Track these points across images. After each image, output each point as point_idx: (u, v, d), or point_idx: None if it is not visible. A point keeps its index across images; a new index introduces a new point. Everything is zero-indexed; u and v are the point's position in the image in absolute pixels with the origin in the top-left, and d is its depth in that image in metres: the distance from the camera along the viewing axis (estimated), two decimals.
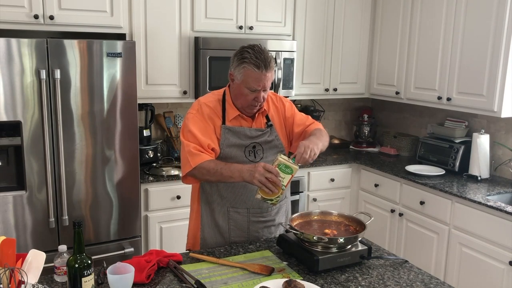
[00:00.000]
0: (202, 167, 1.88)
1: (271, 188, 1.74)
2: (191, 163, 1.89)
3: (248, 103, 1.95)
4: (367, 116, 4.24)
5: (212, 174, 1.87)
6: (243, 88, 1.92)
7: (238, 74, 1.92)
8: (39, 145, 2.59)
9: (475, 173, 3.24)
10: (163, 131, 3.69)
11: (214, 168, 1.86)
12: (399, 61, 3.72)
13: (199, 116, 1.98)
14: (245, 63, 1.88)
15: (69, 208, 2.72)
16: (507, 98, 2.97)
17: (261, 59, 1.86)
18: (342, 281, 1.66)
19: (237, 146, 1.99)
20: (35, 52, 2.51)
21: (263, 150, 2.03)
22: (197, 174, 1.92)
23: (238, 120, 2.01)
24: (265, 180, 1.73)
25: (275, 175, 1.74)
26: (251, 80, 1.88)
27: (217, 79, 3.27)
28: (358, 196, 3.84)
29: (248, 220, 2.04)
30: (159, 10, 3.13)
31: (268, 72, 1.88)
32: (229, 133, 1.99)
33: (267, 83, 1.91)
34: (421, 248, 3.24)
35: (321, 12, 3.74)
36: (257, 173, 1.74)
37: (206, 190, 2.07)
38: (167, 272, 1.70)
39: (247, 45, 1.93)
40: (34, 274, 1.41)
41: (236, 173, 1.82)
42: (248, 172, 1.78)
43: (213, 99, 2.04)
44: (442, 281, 1.70)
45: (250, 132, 2.01)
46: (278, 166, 1.77)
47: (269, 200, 1.80)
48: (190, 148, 1.91)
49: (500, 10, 2.91)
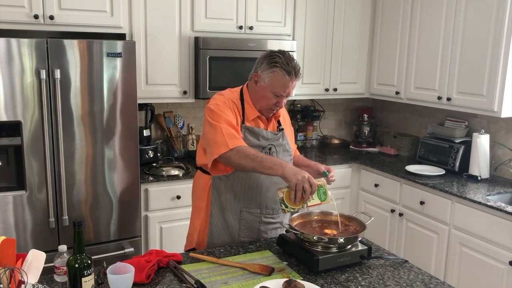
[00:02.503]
0: (242, 150, 1.81)
1: (298, 198, 1.71)
2: (229, 144, 1.82)
3: (269, 107, 1.97)
4: (367, 116, 4.24)
5: (251, 159, 1.79)
6: (268, 92, 1.92)
7: (266, 77, 1.92)
8: (39, 145, 2.59)
9: (475, 173, 3.24)
10: (163, 131, 3.69)
11: (254, 154, 1.80)
12: (399, 61, 3.72)
13: (226, 108, 1.94)
14: (276, 67, 1.89)
15: (69, 208, 2.72)
16: (507, 98, 2.97)
17: (292, 66, 1.89)
18: (342, 281, 1.66)
19: (256, 146, 1.97)
20: (35, 52, 2.51)
21: (277, 152, 2.04)
22: (232, 157, 1.83)
23: (256, 121, 2.03)
24: (301, 187, 1.69)
25: (312, 190, 1.71)
26: (278, 85, 1.90)
27: (217, 79, 3.27)
28: (358, 196, 3.84)
29: (259, 221, 2.04)
30: (159, 10, 3.14)
31: (295, 80, 1.92)
32: (248, 133, 1.99)
33: (292, 91, 1.95)
34: (421, 248, 3.24)
35: (321, 12, 3.74)
36: (301, 176, 1.70)
37: (219, 189, 2.02)
38: (167, 272, 1.70)
39: (277, 50, 1.95)
40: (34, 274, 1.41)
41: (278, 166, 1.75)
42: (292, 170, 1.74)
43: (235, 96, 2.03)
44: (442, 281, 1.70)
45: (267, 134, 2.03)
46: (319, 187, 1.74)
47: (285, 205, 1.76)
48: (229, 130, 1.86)
49: (500, 10, 2.91)
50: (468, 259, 2.89)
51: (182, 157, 3.62)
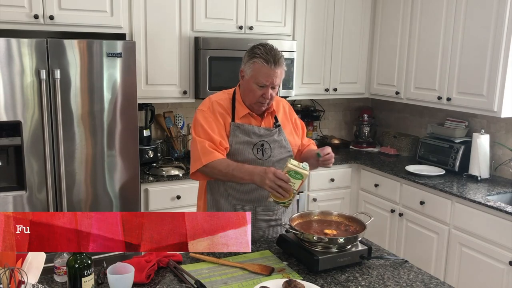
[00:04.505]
0: (214, 166, 1.91)
1: (282, 194, 1.76)
2: (202, 160, 1.92)
3: (256, 99, 1.97)
4: (367, 116, 4.24)
5: (224, 174, 1.90)
6: (252, 84, 1.94)
7: (248, 69, 1.95)
8: (39, 145, 2.59)
9: (475, 173, 3.24)
10: (163, 131, 3.68)
11: (225, 168, 1.89)
12: (399, 61, 3.72)
13: (210, 113, 2.01)
14: (255, 58, 1.92)
15: (69, 208, 2.72)
16: (507, 98, 2.97)
17: (271, 55, 1.91)
18: (342, 281, 1.66)
19: (246, 143, 2.01)
20: (35, 52, 2.51)
21: (271, 148, 2.04)
22: (207, 172, 1.95)
23: (247, 118, 2.04)
24: (276, 186, 1.75)
25: (285, 181, 1.75)
26: (260, 75, 1.92)
27: (217, 79, 3.26)
28: (358, 196, 3.84)
29: (254, 218, 2.04)
30: (159, 10, 3.13)
31: (277, 68, 1.92)
32: (238, 130, 2.01)
33: (276, 80, 1.93)
34: (421, 248, 3.24)
35: (321, 12, 3.74)
36: (268, 179, 1.76)
37: (212, 187, 2.08)
38: (167, 272, 1.70)
39: (259, 43, 1.97)
40: (34, 274, 1.41)
41: (247, 175, 1.84)
42: (259, 176, 1.80)
43: (224, 97, 2.07)
44: (442, 281, 1.70)
45: (258, 130, 2.03)
46: (288, 173, 1.78)
47: (282, 203, 1.82)
48: (204, 144, 1.94)
49: (500, 10, 2.91)
50: (468, 259, 2.89)
51: (182, 157, 3.62)
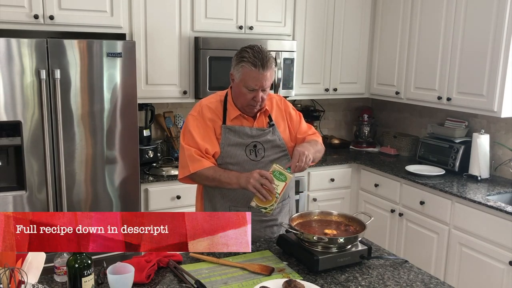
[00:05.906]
0: (202, 174, 1.95)
1: (265, 195, 1.78)
2: (190, 168, 1.94)
3: (247, 102, 1.96)
4: (367, 116, 4.24)
5: (211, 180, 1.94)
6: (242, 87, 1.93)
7: (237, 73, 1.94)
8: (39, 145, 2.59)
9: (475, 173, 3.24)
10: (163, 131, 3.68)
11: (212, 175, 1.93)
12: (399, 61, 3.72)
13: (199, 119, 2.01)
14: (243, 62, 1.90)
15: (69, 208, 2.72)
16: (507, 98, 2.97)
17: (259, 58, 1.88)
18: (342, 281, 1.66)
19: (238, 145, 2.00)
20: (35, 52, 2.51)
21: (265, 149, 2.03)
22: (195, 179, 2.00)
23: (239, 120, 2.03)
24: (259, 186, 1.78)
25: (269, 181, 1.78)
26: (249, 79, 1.90)
27: (217, 79, 3.26)
28: (358, 196, 3.84)
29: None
30: (159, 10, 3.13)
31: (266, 72, 1.89)
32: (229, 132, 2.00)
33: (265, 83, 1.91)
34: (421, 248, 3.24)
35: (321, 12, 3.74)
36: (252, 178, 1.79)
37: (208, 189, 2.09)
38: (167, 272, 1.70)
39: (247, 45, 1.95)
40: (34, 274, 1.41)
41: (234, 180, 1.87)
42: (244, 178, 1.83)
43: (215, 100, 2.06)
44: (442, 281, 1.70)
45: (251, 131, 2.02)
46: (272, 173, 1.81)
47: (263, 208, 1.83)
48: (191, 152, 1.95)
49: (500, 10, 2.91)
50: (468, 259, 2.89)
51: None
